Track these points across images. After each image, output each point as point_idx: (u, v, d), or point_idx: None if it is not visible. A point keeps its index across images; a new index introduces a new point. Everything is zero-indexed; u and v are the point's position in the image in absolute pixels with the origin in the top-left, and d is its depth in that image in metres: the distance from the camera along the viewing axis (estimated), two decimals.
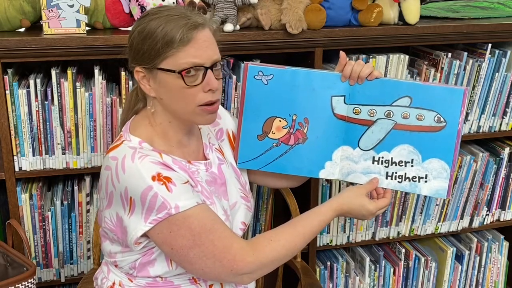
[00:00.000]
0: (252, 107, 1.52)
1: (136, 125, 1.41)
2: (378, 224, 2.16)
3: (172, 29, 1.29)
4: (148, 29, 1.32)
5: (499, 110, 2.14)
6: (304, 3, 1.81)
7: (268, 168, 1.56)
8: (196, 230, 1.30)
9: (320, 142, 1.53)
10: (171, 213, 1.29)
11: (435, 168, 1.49)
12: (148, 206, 1.29)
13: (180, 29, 1.29)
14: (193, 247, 1.31)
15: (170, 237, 1.31)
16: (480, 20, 2.10)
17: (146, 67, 1.34)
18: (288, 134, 1.53)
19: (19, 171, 1.80)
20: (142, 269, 1.41)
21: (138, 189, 1.28)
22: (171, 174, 1.32)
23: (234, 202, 1.51)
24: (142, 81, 1.37)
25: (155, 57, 1.31)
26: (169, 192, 1.29)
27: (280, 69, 1.51)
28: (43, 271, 1.93)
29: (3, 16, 1.73)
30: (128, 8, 1.78)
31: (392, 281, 2.28)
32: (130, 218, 1.32)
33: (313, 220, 1.43)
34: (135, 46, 1.34)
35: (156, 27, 1.30)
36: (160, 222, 1.30)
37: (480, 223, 2.29)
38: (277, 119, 1.53)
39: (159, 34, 1.30)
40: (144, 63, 1.34)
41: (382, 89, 1.48)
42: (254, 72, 1.51)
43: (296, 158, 1.54)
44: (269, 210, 2.02)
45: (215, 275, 1.36)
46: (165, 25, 1.30)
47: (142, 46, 1.32)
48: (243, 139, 1.55)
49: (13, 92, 1.72)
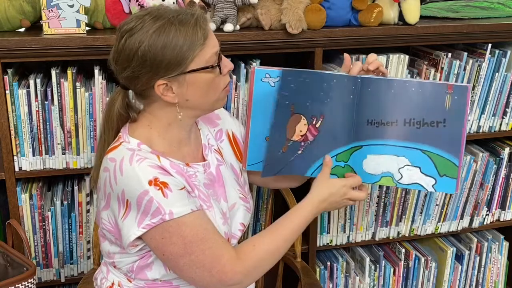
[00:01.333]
0: (260, 110, 1.52)
1: (135, 126, 1.41)
2: (378, 224, 2.16)
3: (190, 29, 1.28)
4: (161, 40, 1.27)
5: (499, 110, 2.14)
6: (304, 3, 1.81)
7: (281, 173, 1.54)
8: (187, 239, 1.30)
9: (329, 143, 1.52)
10: (165, 219, 1.28)
11: (444, 164, 1.50)
12: (143, 210, 1.29)
13: (196, 26, 1.29)
14: (183, 255, 1.31)
15: (161, 243, 1.31)
16: (480, 20, 2.10)
17: (171, 76, 1.30)
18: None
19: (19, 171, 1.80)
20: (139, 272, 1.41)
21: (135, 192, 1.28)
22: (168, 179, 1.31)
23: (233, 203, 1.51)
24: (165, 93, 1.32)
25: (181, 62, 1.29)
26: (165, 197, 1.28)
27: (295, 70, 1.49)
28: (43, 271, 1.93)
29: (3, 16, 1.73)
30: (128, 8, 1.78)
31: (392, 281, 2.28)
32: (124, 222, 1.32)
33: (293, 220, 1.43)
34: (152, 59, 1.28)
35: (169, 34, 1.27)
36: (153, 228, 1.29)
37: (480, 223, 2.29)
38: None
39: (180, 39, 1.27)
40: (168, 73, 1.29)
41: (389, 90, 1.48)
42: (261, 75, 1.50)
43: (306, 158, 1.54)
44: (269, 210, 2.02)
45: (204, 284, 1.35)
46: (179, 27, 1.27)
47: (163, 56, 1.27)
48: (252, 142, 1.54)
49: (13, 92, 1.72)
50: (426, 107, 1.48)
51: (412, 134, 1.50)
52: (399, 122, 1.49)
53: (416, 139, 1.50)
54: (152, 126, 1.40)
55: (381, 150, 1.51)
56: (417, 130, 1.49)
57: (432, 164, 1.51)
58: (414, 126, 1.49)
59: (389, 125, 1.50)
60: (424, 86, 1.48)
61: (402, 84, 1.48)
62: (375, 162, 1.52)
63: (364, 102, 1.49)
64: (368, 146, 1.52)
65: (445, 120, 1.49)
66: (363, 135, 1.51)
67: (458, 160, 1.50)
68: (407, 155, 1.51)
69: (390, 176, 1.53)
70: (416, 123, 1.49)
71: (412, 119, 1.49)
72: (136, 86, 1.35)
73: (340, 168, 1.54)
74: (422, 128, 1.49)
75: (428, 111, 1.49)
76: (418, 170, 1.52)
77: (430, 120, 1.49)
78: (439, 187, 1.52)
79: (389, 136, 1.50)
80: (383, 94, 1.48)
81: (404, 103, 1.49)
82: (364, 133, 1.51)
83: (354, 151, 1.53)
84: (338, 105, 1.50)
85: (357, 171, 1.54)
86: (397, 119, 1.49)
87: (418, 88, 1.48)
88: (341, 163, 1.54)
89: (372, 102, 1.49)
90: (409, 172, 1.52)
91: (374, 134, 1.50)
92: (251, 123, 1.53)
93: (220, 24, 1.81)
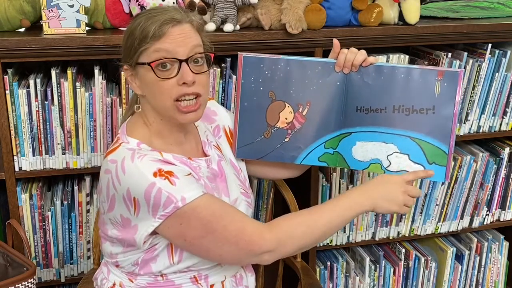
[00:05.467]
0: (248, 97, 1.53)
1: (132, 126, 1.42)
2: (378, 224, 2.16)
3: (149, 25, 1.32)
4: (130, 28, 1.37)
5: (499, 110, 2.14)
6: (304, 3, 1.81)
7: (267, 158, 1.57)
8: (206, 219, 1.30)
9: (317, 130, 1.53)
10: (178, 206, 1.28)
11: (433, 151, 1.49)
12: (153, 203, 1.29)
13: (154, 24, 1.32)
14: (205, 235, 1.31)
15: (181, 229, 1.31)
16: (480, 20, 2.10)
17: (129, 64, 1.38)
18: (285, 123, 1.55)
19: (19, 171, 1.80)
20: (144, 265, 1.41)
21: (141, 188, 1.28)
22: (172, 168, 1.32)
23: (235, 198, 1.51)
24: (130, 79, 1.41)
25: (134, 53, 1.35)
26: (173, 185, 1.29)
27: (274, 58, 1.51)
28: (43, 271, 1.93)
29: (3, 16, 1.73)
30: (128, 8, 1.78)
31: (392, 281, 2.28)
32: (138, 217, 1.32)
33: (335, 207, 1.41)
34: (123, 45, 1.39)
35: (137, 25, 1.35)
36: (168, 217, 1.30)
37: (480, 223, 2.29)
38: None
39: (137, 31, 1.34)
40: (127, 60, 1.38)
41: (378, 76, 1.48)
42: (249, 62, 1.51)
43: (294, 146, 1.55)
44: (269, 210, 2.02)
45: (234, 258, 1.37)
46: (144, 22, 1.34)
47: (126, 44, 1.37)
48: (241, 129, 1.55)
49: (13, 92, 1.72)
50: (415, 94, 1.48)
51: (401, 121, 1.49)
52: (388, 109, 1.49)
53: (405, 126, 1.49)
54: (148, 125, 1.41)
55: (370, 137, 1.52)
56: (406, 117, 1.49)
57: (421, 152, 1.50)
58: (403, 113, 1.49)
59: (378, 112, 1.50)
60: (413, 73, 1.48)
61: (391, 70, 1.48)
62: (363, 149, 1.53)
63: (353, 89, 1.50)
64: (357, 133, 1.52)
65: (434, 107, 1.48)
66: (352, 122, 1.52)
67: (447, 147, 1.49)
68: (395, 142, 1.51)
69: (378, 163, 1.53)
70: (405, 110, 1.49)
71: (401, 106, 1.49)
72: None
73: (329, 155, 1.55)
74: (411, 115, 1.49)
75: (417, 98, 1.48)
76: (406, 157, 1.51)
77: (419, 107, 1.48)
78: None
79: (378, 123, 1.50)
80: (372, 81, 1.49)
81: (393, 90, 1.49)
82: (353, 120, 1.51)
83: (343, 138, 1.53)
84: (325, 92, 1.51)
85: (346, 157, 1.54)
86: (386, 106, 1.49)
87: (407, 74, 1.48)
88: (330, 150, 1.55)
89: (361, 89, 1.50)
90: (397, 159, 1.51)
91: (363, 121, 1.51)
92: (240, 111, 1.55)
93: (220, 24, 1.81)
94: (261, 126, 1.55)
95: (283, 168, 1.65)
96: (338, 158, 1.55)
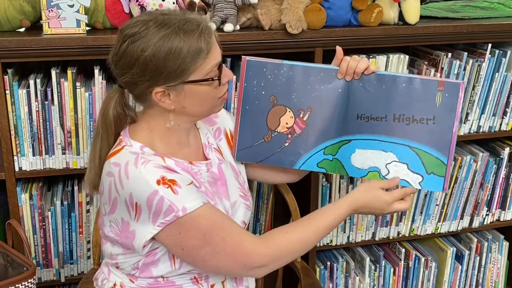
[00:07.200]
0: (250, 100, 1.53)
1: (135, 129, 1.40)
2: (378, 224, 2.16)
3: (194, 41, 1.27)
4: (164, 49, 1.26)
5: (499, 110, 2.14)
6: (304, 3, 1.81)
7: (266, 162, 1.57)
8: (206, 229, 1.31)
9: (317, 136, 1.53)
10: (179, 215, 1.29)
11: (432, 162, 1.49)
12: (154, 210, 1.29)
13: (200, 37, 1.28)
14: (204, 246, 1.32)
15: (179, 238, 1.31)
16: (480, 20, 2.10)
17: (170, 85, 1.30)
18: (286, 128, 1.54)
19: (19, 171, 1.80)
20: (145, 269, 1.41)
21: (144, 195, 1.28)
22: (175, 176, 1.31)
23: (234, 201, 1.51)
24: (162, 99, 1.32)
25: (182, 73, 1.28)
26: (175, 194, 1.29)
27: (277, 63, 1.52)
28: (43, 271, 1.93)
29: (3, 16, 1.73)
30: (128, 8, 1.78)
31: (392, 281, 2.28)
32: (137, 222, 1.32)
33: (328, 216, 1.44)
34: (153, 68, 1.27)
35: (173, 44, 1.26)
36: (168, 225, 1.30)
37: (480, 223, 2.29)
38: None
39: (183, 49, 1.26)
40: (168, 82, 1.29)
41: (380, 85, 1.48)
42: (252, 66, 1.52)
43: (293, 151, 1.55)
44: (269, 210, 2.02)
45: (228, 270, 1.38)
46: (183, 38, 1.27)
47: (165, 66, 1.27)
48: (241, 132, 1.55)
49: (13, 92, 1.72)
50: (416, 103, 1.48)
51: (401, 130, 1.49)
52: (388, 118, 1.49)
53: (405, 135, 1.50)
54: (152, 129, 1.40)
55: (370, 145, 1.52)
56: (406, 126, 1.49)
57: (420, 161, 1.50)
58: (404, 122, 1.49)
59: (379, 120, 1.50)
60: (414, 82, 1.48)
61: (392, 79, 1.49)
62: (363, 157, 1.52)
63: (354, 97, 1.50)
64: (357, 140, 1.52)
65: (435, 118, 1.48)
66: (352, 129, 1.52)
67: (446, 158, 1.49)
68: (395, 151, 1.51)
69: (377, 171, 1.53)
70: (405, 119, 1.49)
71: (402, 115, 1.49)
72: (134, 91, 1.36)
73: (328, 162, 1.55)
74: (412, 125, 1.49)
75: (418, 107, 1.48)
76: (405, 166, 1.51)
77: (419, 117, 1.49)
78: (426, 184, 1.51)
79: (378, 131, 1.50)
80: (374, 89, 1.49)
81: (394, 99, 1.49)
82: (353, 127, 1.52)
83: (342, 145, 1.53)
84: (327, 99, 1.51)
85: (344, 164, 1.54)
86: (386, 115, 1.49)
87: (408, 84, 1.48)
88: (329, 157, 1.55)
89: (362, 97, 1.50)
90: (396, 168, 1.51)
91: (363, 128, 1.51)
92: (241, 114, 1.55)
93: (220, 24, 1.81)
94: (261, 130, 1.55)
95: (282, 172, 1.65)
96: (337, 165, 1.55)
